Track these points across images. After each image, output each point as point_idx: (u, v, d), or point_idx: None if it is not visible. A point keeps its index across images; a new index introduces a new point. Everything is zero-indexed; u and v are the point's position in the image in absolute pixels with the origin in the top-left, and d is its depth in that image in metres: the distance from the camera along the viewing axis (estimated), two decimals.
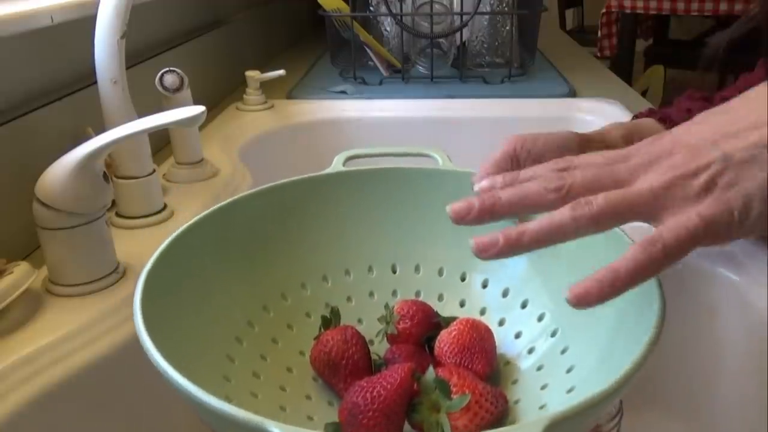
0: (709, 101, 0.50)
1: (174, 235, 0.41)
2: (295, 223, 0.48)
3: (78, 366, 0.43)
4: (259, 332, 0.44)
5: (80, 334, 0.44)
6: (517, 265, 0.46)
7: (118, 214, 0.60)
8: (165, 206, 0.62)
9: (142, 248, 0.55)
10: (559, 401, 0.37)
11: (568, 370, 0.39)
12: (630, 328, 0.36)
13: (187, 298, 0.40)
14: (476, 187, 0.39)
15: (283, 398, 0.41)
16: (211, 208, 0.44)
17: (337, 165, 0.51)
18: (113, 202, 0.59)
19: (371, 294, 0.49)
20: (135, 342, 0.47)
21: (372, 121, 0.99)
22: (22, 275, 0.44)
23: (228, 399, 0.37)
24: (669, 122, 0.49)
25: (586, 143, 0.48)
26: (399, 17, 1.04)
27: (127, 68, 0.55)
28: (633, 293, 0.37)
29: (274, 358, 0.43)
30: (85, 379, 0.43)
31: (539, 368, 0.41)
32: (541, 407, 0.38)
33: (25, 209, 0.48)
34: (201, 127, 0.82)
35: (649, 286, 0.36)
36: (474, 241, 0.34)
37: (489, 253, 0.33)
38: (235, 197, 0.46)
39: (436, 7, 1.06)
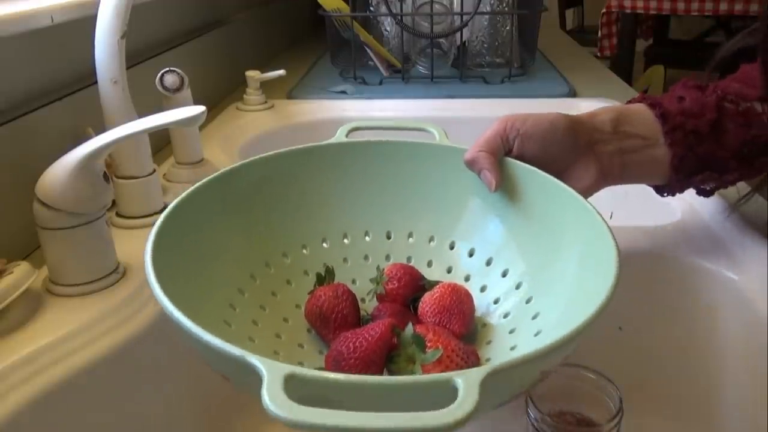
0: (701, 90, 0.52)
1: (185, 193, 0.43)
2: (298, 188, 0.51)
3: (78, 366, 0.43)
4: (260, 285, 0.47)
5: (80, 334, 0.44)
6: (502, 237, 0.49)
7: (118, 214, 0.60)
8: (165, 206, 0.62)
9: (142, 248, 0.55)
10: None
11: (536, 334, 0.41)
12: (587, 297, 0.37)
13: (194, 250, 0.43)
14: None
15: (278, 345, 0.44)
16: (220, 170, 0.47)
17: (340, 136, 0.54)
18: (113, 202, 0.59)
19: (366, 257, 0.52)
20: (135, 342, 0.47)
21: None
22: (22, 275, 0.44)
23: (227, 342, 0.39)
24: (659, 107, 0.51)
25: (574, 125, 0.49)
26: (399, 17, 1.04)
27: (127, 68, 0.55)
28: (594, 265, 0.40)
29: (273, 309, 0.46)
30: (85, 379, 0.43)
31: (511, 331, 0.44)
32: None
33: (25, 209, 0.48)
34: (201, 127, 0.82)
35: (608, 268, 0.37)
36: None
37: None
38: (243, 161, 0.49)
39: (436, 7, 1.06)
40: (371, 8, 1.16)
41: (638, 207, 0.68)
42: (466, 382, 0.27)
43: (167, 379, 0.51)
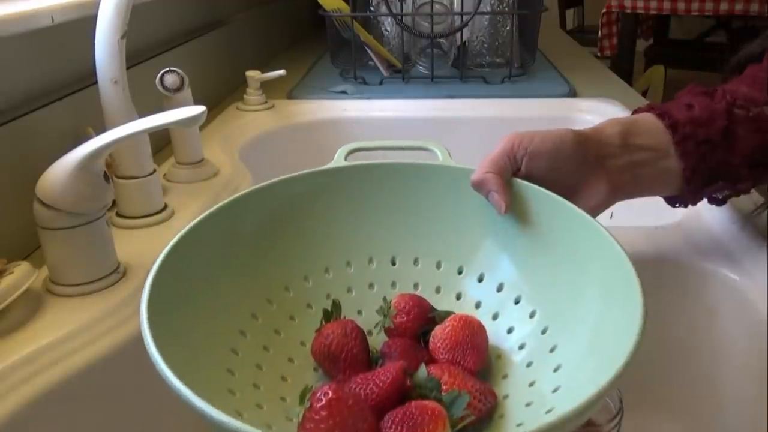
0: (710, 96, 0.50)
1: (180, 234, 0.41)
2: (298, 217, 0.49)
3: (78, 366, 0.43)
4: (262, 324, 0.44)
5: (80, 334, 0.44)
6: (512, 262, 0.47)
7: (118, 214, 0.60)
8: (165, 206, 0.62)
9: (143, 248, 0.55)
10: (544, 400, 0.38)
11: (555, 369, 0.39)
12: (612, 334, 0.36)
13: (193, 295, 0.41)
14: None
15: (285, 389, 0.41)
16: (215, 207, 0.45)
17: (339, 159, 0.52)
18: (114, 202, 0.59)
19: (371, 286, 0.49)
20: (135, 342, 0.47)
21: (372, 121, 0.99)
22: (22, 275, 0.44)
23: (231, 392, 0.38)
24: (668, 117, 0.49)
25: (582, 140, 0.48)
26: (399, 17, 1.04)
27: (128, 68, 0.55)
28: (616, 297, 0.38)
29: (277, 349, 0.44)
30: (85, 379, 0.43)
31: (528, 365, 0.42)
32: (528, 404, 0.39)
33: (25, 209, 0.48)
34: (201, 127, 0.82)
35: (631, 291, 0.36)
36: None
37: None
38: (238, 194, 0.46)
39: (437, 7, 1.06)
40: (371, 8, 1.16)
41: (638, 208, 0.68)
42: None
43: None
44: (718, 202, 0.54)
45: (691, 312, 0.56)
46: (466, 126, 0.98)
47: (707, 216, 0.61)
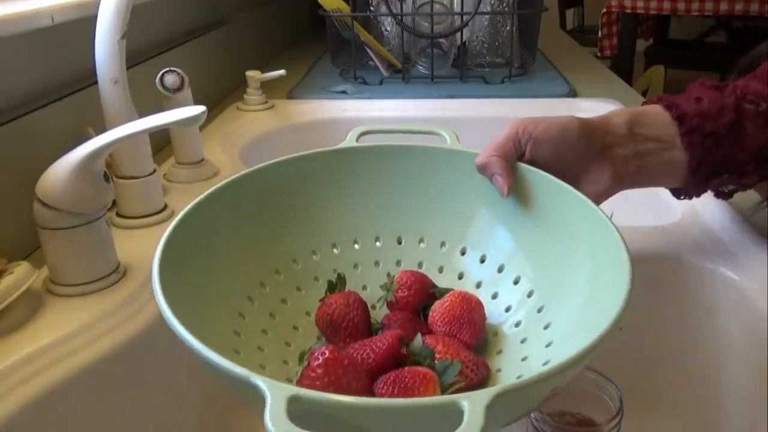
0: (720, 90, 0.50)
1: (194, 201, 0.43)
2: (309, 194, 0.51)
3: (78, 366, 0.43)
4: (270, 293, 0.46)
5: (80, 334, 0.44)
6: (514, 244, 0.48)
7: (118, 214, 0.60)
8: (165, 206, 0.62)
9: (143, 248, 0.55)
10: (535, 372, 0.39)
11: (547, 345, 0.41)
12: (597, 315, 0.37)
13: (203, 259, 0.42)
14: None
15: (288, 354, 0.43)
16: (229, 178, 0.46)
17: (350, 140, 0.53)
18: (114, 202, 0.59)
19: (377, 263, 0.51)
20: (135, 342, 0.47)
21: (372, 120, 0.99)
22: (22, 275, 0.44)
23: (236, 351, 0.40)
24: (676, 109, 0.49)
25: (587, 128, 0.49)
26: (399, 17, 1.04)
27: (128, 68, 0.55)
28: (604, 281, 0.39)
29: (282, 317, 0.46)
30: (85, 379, 0.43)
31: (522, 341, 0.43)
32: (518, 377, 0.40)
33: (25, 209, 0.48)
34: (201, 127, 0.82)
35: (619, 276, 0.37)
36: None
37: None
38: (252, 168, 0.48)
39: (437, 7, 1.06)
40: (371, 8, 1.16)
41: (638, 207, 0.68)
42: (472, 405, 0.26)
43: (167, 379, 0.51)
44: (725, 195, 0.54)
45: (691, 311, 0.56)
46: (466, 126, 0.97)
47: (707, 215, 0.61)
